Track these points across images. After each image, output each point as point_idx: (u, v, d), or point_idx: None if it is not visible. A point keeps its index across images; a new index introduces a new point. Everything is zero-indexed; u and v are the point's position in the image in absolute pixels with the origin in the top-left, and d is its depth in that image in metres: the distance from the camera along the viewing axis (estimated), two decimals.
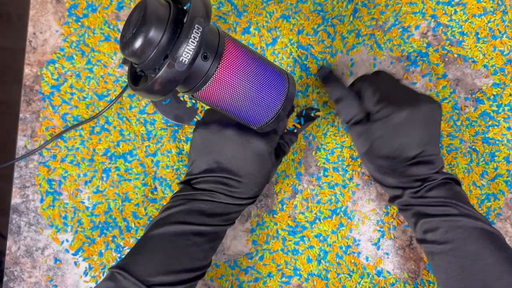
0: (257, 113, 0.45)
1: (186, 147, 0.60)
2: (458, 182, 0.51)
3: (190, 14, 0.37)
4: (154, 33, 0.37)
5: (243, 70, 0.42)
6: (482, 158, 0.59)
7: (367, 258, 0.59)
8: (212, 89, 0.42)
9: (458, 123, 0.60)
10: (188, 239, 0.48)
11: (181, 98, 0.59)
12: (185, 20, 0.38)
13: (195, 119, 0.59)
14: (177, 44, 0.37)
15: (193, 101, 0.60)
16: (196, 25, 0.37)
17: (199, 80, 0.41)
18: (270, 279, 0.59)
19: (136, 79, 0.44)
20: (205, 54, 0.40)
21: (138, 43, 0.38)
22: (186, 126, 0.60)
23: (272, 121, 0.46)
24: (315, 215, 0.59)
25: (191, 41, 0.37)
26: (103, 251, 0.59)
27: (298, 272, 0.59)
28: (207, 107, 0.59)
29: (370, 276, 0.58)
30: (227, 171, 0.50)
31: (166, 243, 0.47)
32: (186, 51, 0.37)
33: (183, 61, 0.37)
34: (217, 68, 0.41)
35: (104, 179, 0.60)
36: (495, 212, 0.59)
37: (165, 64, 0.37)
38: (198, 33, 0.37)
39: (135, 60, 0.39)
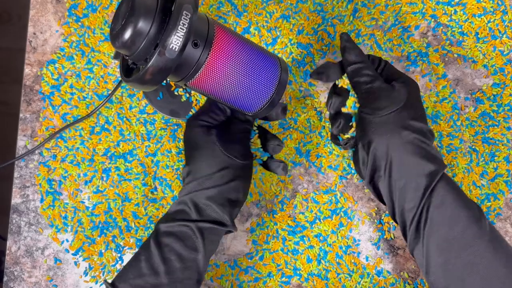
0: (250, 99, 0.45)
1: None
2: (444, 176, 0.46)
3: (178, 1, 0.38)
4: (143, 23, 0.37)
5: (234, 56, 0.42)
6: (482, 158, 0.59)
7: (367, 258, 0.59)
8: (204, 77, 0.42)
9: (458, 123, 0.60)
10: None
11: (176, 93, 0.59)
12: (173, 8, 0.38)
13: (191, 113, 0.59)
14: (166, 32, 0.37)
15: (188, 95, 0.60)
16: (184, 12, 0.37)
17: (190, 68, 0.41)
18: (270, 279, 0.59)
19: (128, 72, 0.44)
20: (195, 42, 0.40)
21: (127, 34, 0.38)
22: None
23: (266, 107, 0.46)
24: (315, 215, 0.59)
25: (180, 28, 0.37)
26: (103, 251, 0.59)
27: (298, 272, 0.59)
28: (202, 101, 0.59)
29: (370, 276, 0.58)
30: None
31: None
32: (176, 38, 0.37)
33: (174, 48, 0.37)
34: (208, 55, 0.41)
35: (104, 179, 0.60)
36: (495, 212, 0.59)
37: (155, 53, 0.37)
38: (186, 20, 0.37)
39: (125, 51, 0.39)
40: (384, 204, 0.50)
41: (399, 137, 0.45)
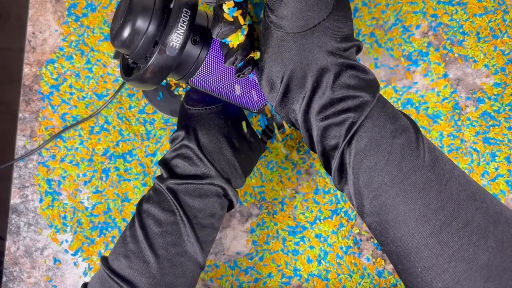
0: (253, 96, 0.45)
1: None
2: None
3: None
4: (140, 21, 0.37)
5: None
6: (483, 158, 0.59)
7: (367, 259, 0.59)
8: (205, 74, 0.42)
9: (459, 123, 0.59)
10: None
11: (176, 93, 0.59)
12: (171, 6, 0.38)
13: None
14: (166, 30, 0.37)
15: None
16: (184, 9, 0.37)
17: (191, 65, 0.41)
18: (270, 280, 0.59)
19: (129, 71, 0.44)
20: (195, 38, 0.40)
21: (125, 32, 0.38)
22: None
23: None
24: (315, 215, 0.59)
25: (181, 25, 0.37)
26: (102, 251, 0.59)
27: (298, 273, 0.59)
28: None
29: (371, 276, 0.58)
30: None
31: None
32: (176, 35, 0.37)
33: (174, 45, 0.37)
34: (208, 51, 0.40)
35: (104, 179, 0.60)
36: None
37: (155, 51, 0.37)
38: (187, 17, 0.37)
39: (125, 51, 0.39)
40: (294, 127, 0.42)
41: (321, 62, 0.35)
